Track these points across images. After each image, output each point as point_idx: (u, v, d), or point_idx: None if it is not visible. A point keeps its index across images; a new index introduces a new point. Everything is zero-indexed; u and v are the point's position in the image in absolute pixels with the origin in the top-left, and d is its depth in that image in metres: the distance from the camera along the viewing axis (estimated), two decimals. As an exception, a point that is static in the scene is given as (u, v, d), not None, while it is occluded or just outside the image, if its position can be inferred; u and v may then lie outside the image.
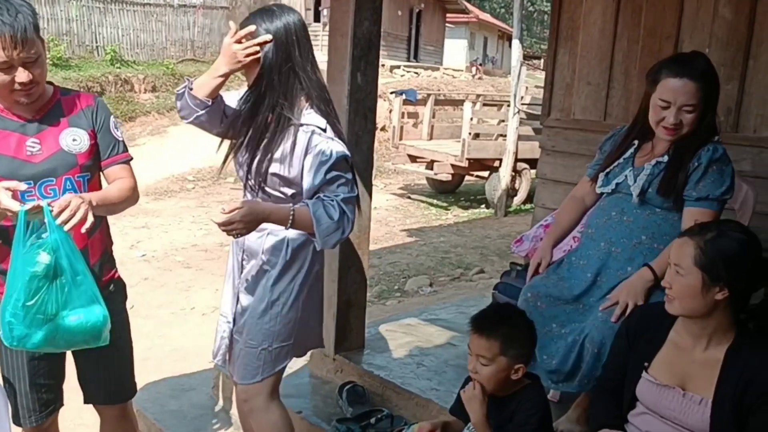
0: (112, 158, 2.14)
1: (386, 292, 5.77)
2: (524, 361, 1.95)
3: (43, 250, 1.82)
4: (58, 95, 2.07)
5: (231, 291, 2.25)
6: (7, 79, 1.86)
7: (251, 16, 2.03)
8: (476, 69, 28.34)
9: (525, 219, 8.97)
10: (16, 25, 1.80)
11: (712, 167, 2.24)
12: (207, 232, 7.80)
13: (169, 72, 15.50)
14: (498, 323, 1.94)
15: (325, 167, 1.98)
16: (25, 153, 1.96)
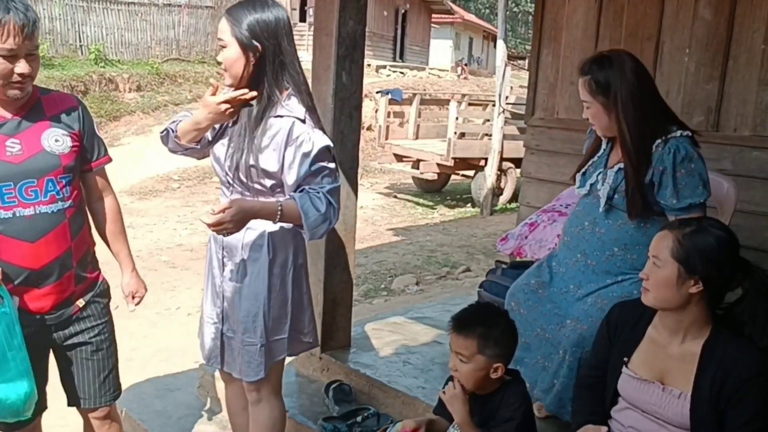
0: (99, 161, 2.16)
1: (373, 290, 5.79)
2: (503, 361, 1.97)
3: None
4: (37, 94, 2.05)
5: (213, 291, 2.24)
6: (8, 68, 1.86)
7: (241, 6, 2.01)
8: (461, 69, 28.41)
9: (510, 218, 9.01)
10: (29, 16, 1.84)
11: (680, 170, 2.17)
12: (192, 231, 7.79)
13: (153, 71, 15.41)
14: (476, 322, 1.96)
15: (308, 159, 2.00)
16: (5, 153, 1.93)
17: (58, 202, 2.00)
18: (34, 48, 1.90)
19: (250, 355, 2.15)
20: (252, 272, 2.12)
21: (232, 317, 2.18)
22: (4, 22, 1.80)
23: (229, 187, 2.14)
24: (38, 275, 1.99)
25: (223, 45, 2.01)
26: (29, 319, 2.02)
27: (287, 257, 2.16)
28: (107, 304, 2.26)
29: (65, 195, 2.03)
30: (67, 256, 2.03)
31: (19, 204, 1.94)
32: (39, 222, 1.96)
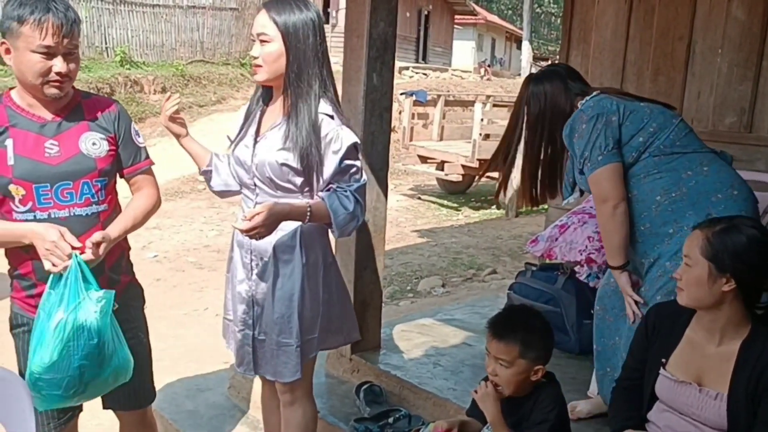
0: (135, 166, 2.16)
1: (399, 292, 5.79)
2: (543, 363, 1.97)
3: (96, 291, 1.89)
4: (78, 98, 2.07)
5: (240, 297, 2.22)
6: (46, 66, 1.88)
7: (281, 3, 2.03)
8: (485, 70, 28.33)
9: (536, 220, 8.96)
10: (68, 15, 1.88)
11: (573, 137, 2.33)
12: (218, 232, 7.84)
13: (178, 73, 15.54)
14: (516, 327, 1.97)
15: (338, 157, 2.02)
16: (44, 154, 1.95)
17: (92, 205, 2.02)
18: (73, 47, 1.92)
19: (287, 355, 2.16)
20: (284, 273, 2.13)
21: (265, 320, 2.17)
22: (43, 21, 1.84)
23: (254, 190, 2.14)
24: None
25: (266, 40, 2.02)
26: None
27: (317, 257, 2.17)
28: (141, 308, 2.27)
29: (100, 198, 2.04)
30: (98, 260, 2.04)
31: (54, 205, 1.97)
32: (73, 224, 1.98)
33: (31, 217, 1.94)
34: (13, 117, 1.96)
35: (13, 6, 1.86)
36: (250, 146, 2.13)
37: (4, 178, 1.92)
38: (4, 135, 1.93)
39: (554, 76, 2.49)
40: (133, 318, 2.17)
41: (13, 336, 2.08)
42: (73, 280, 1.86)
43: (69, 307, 1.84)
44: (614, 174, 2.27)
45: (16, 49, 1.88)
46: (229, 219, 8.39)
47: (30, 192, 1.93)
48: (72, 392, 1.89)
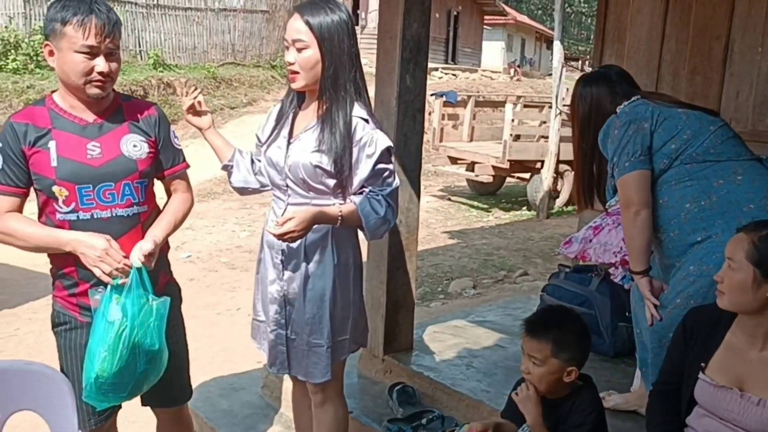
0: (173, 168, 2.20)
1: (429, 293, 5.78)
2: (577, 365, 1.96)
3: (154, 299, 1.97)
4: (119, 101, 2.11)
5: (271, 297, 2.22)
6: (88, 66, 1.92)
7: (315, 7, 2.02)
8: (514, 71, 28.17)
9: (567, 221, 8.89)
10: (110, 16, 1.92)
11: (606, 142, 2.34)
12: (250, 233, 7.90)
13: (210, 75, 15.71)
14: (550, 326, 1.97)
15: (372, 160, 2.03)
16: (86, 156, 1.98)
17: (133, 206, 2.05)
18: (114, 48, 1.96)
19: (318, 356, 2.17)
20: (315, 273, 2.14)
21: (297, 320, 2.18)
22: (86, 22, 1.88)
23: (286, 191, 2.15)
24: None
25: (303, 46, 2.01)
26: None
27: (348, 257, 2.18)
28: (178, 307, 2.29)
29: (140, 200, 2.07)
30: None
31: (96, 206, 2.00)
32: (115, 224, 2.01)
33: (74, 218, 1.98)
34: (55, 119, 1.99)
35: (56, 9, 1.91)
36: (283, 148, 2.14)
37: (47, 179, 1.96)
38: (47, 137, 1.97)
39: (602, 79, 2.48)
40: (172, 317, 2.19)
41: (55, 334, 2.12)
42: (134, 287, 1.93)
43: (132, 315, 1.91)
44: (639, 181, 2.26)
45: (59, 50, 1.92)
46: (261, 220, 8.46)
47: (73, 193, 1.97)
48: (135, 393, 2.01)
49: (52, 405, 1.65)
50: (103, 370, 1.87)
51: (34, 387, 1.66)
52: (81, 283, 2.04)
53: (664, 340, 2.27)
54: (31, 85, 12.61)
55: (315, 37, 2.00)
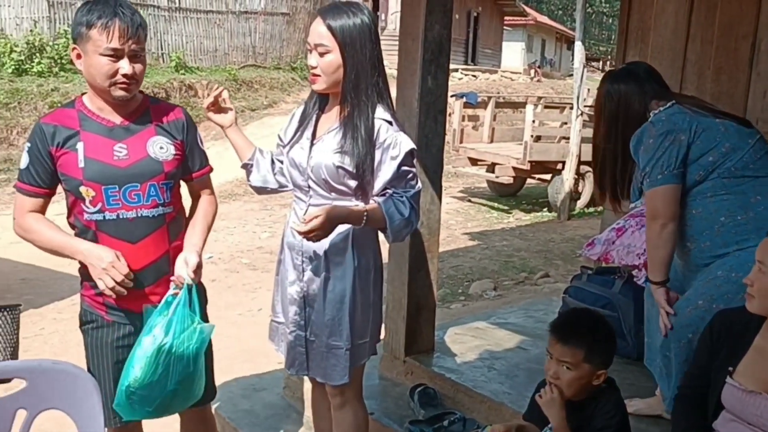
0: (200, 171, 2.23)
1: (450, 295, 5.76)
2: (605, 367, 1.95)
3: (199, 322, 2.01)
4: (147, 103, 2.13)
5: (291, 298, 2.23)
6: (113, 68, 1.94)
7: (337, 10, 2.02)
8: (535, 71, 28.04)
9: (589, 222, 8.83)
10: (134, 19, 1.95)
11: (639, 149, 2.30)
12: (271, 234, 7.94)
13: (231, 78, 15.83)
14: (582, 330, 1.95)
15: (396, 162, 2.02)
16: (113, 157, 2.01)
17: (159, 207, 2.08)
18: (139, 50, 1.98)
19: (337, 358, 2.17)
20: (335, 275, 2.14)
21: (316, 321, 2.18)
22: (110, 25, 1.91)
23: (308, 192, 2.15)
24: (138, 276, 2.06)
25: (325, 51, 2.01)
26: (131, 317, 2.12)
27: (369, 260, 2.18)
28: (204, 307, 2.29)
29: (166, 200, 2.09)
30: (164, 260, 2.10)
31: (122, 207, 2.02)
32: (140, 225, 2.04)
33: (100, 218, 2.01)
34: (84, 121, 2.03)
35: (82, 12, 1.94)
36: (306, 148, 2.14)
37: (75, 179, 1.99)
38: (76, 138, 2.00)
39: (630, 77, 2.43)
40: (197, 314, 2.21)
41: (83, 332, 2.16)
42: (181, 307, 1.98)
43: (174, 334, 1.95)
44: (669, 195, 2.24)
45: (85, 53, 1.95)
46: (281, 221, 8.49)
47: (99, 193, 2.00)
48: (161, 410, 2.02)
49: (78, 404, 1.67)
50: (135, 380, 1.91)
51: (61, 386, 1.68)
52: None
53: (683, 340, 2.26)
54: (55, 88, 12.80)
55: (337, 42, 2.00)
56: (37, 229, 2.04)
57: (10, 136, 11.69)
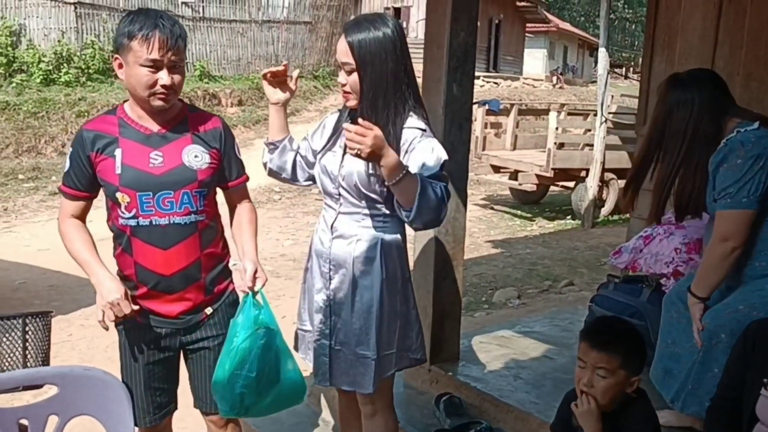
0: (237, 180, 2.24)
1: (473, 303, 5.73)
2: (639, 374, 1.93)
3: (263, 326, 2.08)
4: (185, 112, 2.16)
5: (317, 306, 2.22)
6: (152, 79, 1.97)
7: (360, 27, 2.01)
8: (557, 78, 27.92)
9: (614, 230, 8.74)
10: (174, 31, 1.97)
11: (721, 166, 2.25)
12: (294, 242, 7.97)
13: (254, 86, 15.95)
14: (619, 337, 1.94)
15: (429, 168, 1.99)
16: (148, 164, 2.05)
17: (191, 215, 2.09)
18: (178, 61, 2.01)
19: (365, 367, 2.15)
20: (363, 285, 2.13)
21: (343, 330, 2.17)
22: (150, 36, 1.94)
23: (338, 200, 2.15)
24: (168, 282, 2.09)
25: (350, 69, 2.01)
26: (160, 321, 2.14)
27: (396, 270, 2.17)
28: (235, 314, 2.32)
29: (199, 208, 2.11)
30: (195, 267, 2.12)
31: (156, 213, 2.05)
32: (172, 231, 2.06)
33: (134, 223, 2.05)
34: (123, 128, 2.07)
35: (124, 23, 1.98)
36: (338, 156, 2.15)
37: (112, 185, 2.04)
38: (114, 145, 2.05)
39: (703, 85, 2.34)
40: (226, 323, 2.21)
41: (118, 332, 2.20)
42: (246, 314, 2.07)
43: (240, 339, 2.05)
44: (747, 220, 2.21)
45: (126, 64, 1.99)
46: (304, 228, 8.52)
47: (134, 199, 2.03)
48: (235, 411, 2.12)
49: (109, 410, 1.69)
50: (215, 375, 2.07)
51: (91, 392, 1.69)
52: (140, 285, 2.11)
53: (714, 340, 2.25)
54: (82, 98, 12.99)
55: (355, 59, 1.99)
56: (70, 239, 2.11)
57: (38, 144, 11.88)
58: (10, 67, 13.39)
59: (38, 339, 2.11)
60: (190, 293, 2.13)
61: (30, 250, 7.18)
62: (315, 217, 9.13)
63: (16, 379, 1.75)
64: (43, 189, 10.26)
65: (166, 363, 2.21)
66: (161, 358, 2.18)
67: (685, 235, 3.19)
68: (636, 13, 46.51)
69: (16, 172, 10.77)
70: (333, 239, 2.17)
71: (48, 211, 9.16)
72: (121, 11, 15.24)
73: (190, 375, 2.31)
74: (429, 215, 1.93)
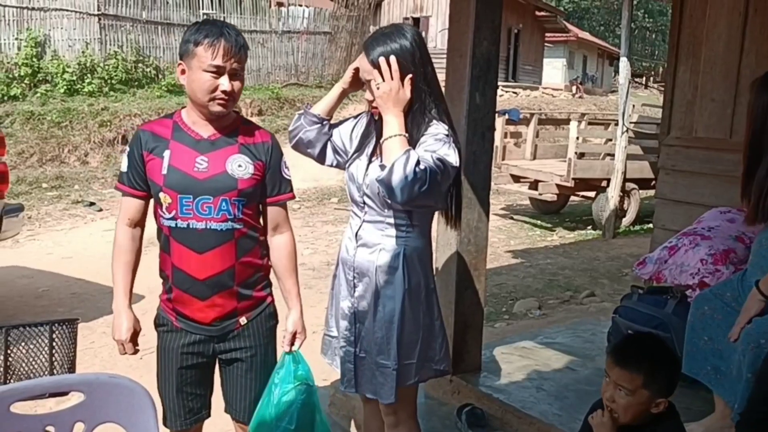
0: (276, 197, 2.23)
1: (494, 314, 5.70)
2: (665, 396, 1.88)
3: (303, 382, 2.19)
4: (239, 123, 2.20)
5: (343, 313, 2.24)
6: (213, 84, 2.04)
7: (379, 41, 2.04)
8: (576, 88, 27.81)
9: (635, 241, 8.66)
10: (238, 40, 2.06)
11: None
12: (313, 251, 7.98)
13: (274, 96, 16.05)
14: (643, 355, 1.89)
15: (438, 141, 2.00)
16: (193, 168, 2.10)
17: (228, 222, 2.11)
18: (239, 69, 2.08)
19: (384, 377, 2.15)
20: (385, 294, 2.13)
21: (366, 338, 2.18)
22: (215, 43, 2.02)
23: (363, 208, 2.17)
24: (201, 286, 2.12)
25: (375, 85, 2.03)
26: (194, 326, 2.17)
27: (420, 281, 2.16)
28: (272, 327, 2.31)
29: (236, 216, 2.12)
30: (228, 274, 2.12)
31: (194, 217, 2.09)
32: (208, 236, 2.10)
33: (173, 225, 2.11)
34: (176, 131, 2.14)
35: (191, 32, 2.07)
36: (364, 164, 2.17)
37: (157, 185, 2.11)
38: (164, 146, 2.12)
39: None
40: (262, 335, 2.24)
41: (156, 333, 2.25)
42: (287, 368, 2.19)
43: (281, 392, 2.15)
44: None
45: (190, 69, 2.07)
46: (323, 238, 8.54)
47: (175, 201, 2.09)
48: None
49: (134, 418, 1.69)
50: (255, 425, 2.19)
51: (117, 400, 1.70)
52: (175, 287, 2.15)
53: (753, 344, 2.21)
54: (105, 107, 13.15)
55: (381, 75, 2.01)
56: (116, 252, 2.21)
57: (61, 153, 12.03)
58: (35, 77, 13.58)
59: (64, 346, 2.13)
60: (221, 300, 2.15)
61: (53, 258, 7.26)
62: (334, 227, 9.14)
63: (43, 386, 1.76)
64: (66, 197, 10.37)
65: (199, 369, 2.23)
66: (194, 364, 2.21)
67: (711, 246, 3.14)
68: (656, 22, 46.30)
69: (40, 181, 10.90)
70: (357, 247, 2.18)
71: (71, 219, 9.27)
72: (144, 22, 15.43)
73: (222, 381, 2.32)
74: (399, 180, 1.86)
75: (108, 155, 12.40)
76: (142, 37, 15.41)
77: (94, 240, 7.96)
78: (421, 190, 1.87)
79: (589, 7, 47.37)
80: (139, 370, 4.00)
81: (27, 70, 13.45)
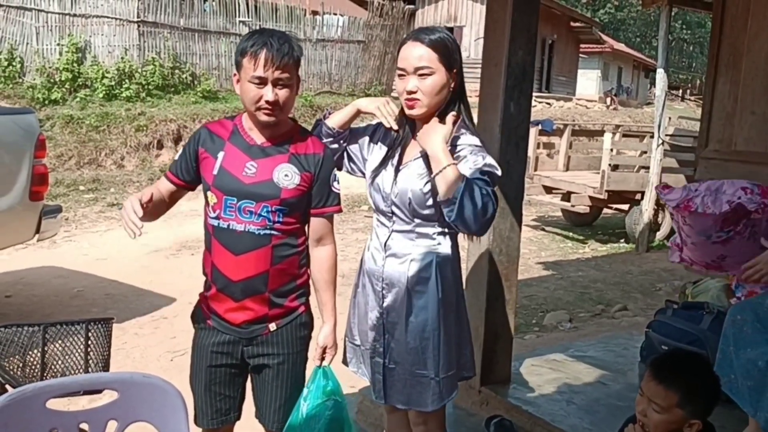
0: (321, 209, 2.21)
1: (524, 326, 5.65)
2: (701, 417, 1.84)
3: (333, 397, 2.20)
4: (294, 132, 2.20)
5: (371, 324, 2.22)
6: (258, 95, 2.06)
7: (431, 33, 2.07)
8: (611, 99, 27.54)
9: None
10: (281, 49, 2.04)
11: None
12: (343, 258, 7.98)
13: (307, 104, 16.14)
14: (681, 374, 1.85)
15: (484, 162, 1.99)
16: (242, 172, 2.12)
17: (266, 228, 2.12)
18: (286, 79, 2.07)
19: (423, 386, 2.14)
20: (417, 305, 2.12)
21: (397, 349, 2.17)
22: (257, 53, 2.03)
23: (391, 217, 2.16)
24: (234, 287, 2.14)
25: (429, 72, 2.03)
26: (224, 326, 2.19)
27: (451, 289, 2.16)
28: (305, 337, 2.28)
29: (276, 224, 2.13)
30: (261, 279, 2.13)
31: (235, 218, 2.12)
32: (245, 239, 2.12)
33: (216, 224, 2.15)
34: (234, 134, 2.18)
35: (243, 41, 2.10)
36: (390, 174, 2.15)
37: (207, 183, 2.17)
38: (220, 147, 2.16)
39: None
40: (292, 343, 2.22)
41: (194, 329, 2.29)
42: (317, 384, 2.20)
43: (311, 406, 2.17)
44: None
45: (240, 79, 2.10)
46: (352, 245, 8.55)
47: (220, 201, 2.13)
48: None
49: (166, 417, 1.71)
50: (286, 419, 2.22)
51: (150, 399, 1.72)
52: (212, 285, 2.19)
53: None
54: (142, 112, 13.37)
55: (442, 62, 2.03)
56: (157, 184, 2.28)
57: (98, 157, 12.26)
58: (75, 82, 13.89)
59: (99, 345, 2.16)
60: (252, 304, 2.16)
61: (88, 258, 7.38)
62: (364, 234, 9.15)
63: (79, 383, 1.79)
64: (102, 200, 10.56)
65: (228, 369, 2.24)
66: (223, 364, 2.22)
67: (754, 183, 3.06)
68: (694, 34, 45.68)
69: (77, 184, 11.12)
70: (386, 258, 2.17)
71: (106, 221, 9.42)
72: (182, 29, 15.67)
73: (252, 387, 2.33)
74: (471, 213, 1.86)
75: (143, 159, 12.60)
76: (179, 43, 15.65)
77: (128, 242, 8.06)
78: (493, 213, 1.92)
79: (626, 18, 46.91)
80: (170, 371, 4.05)
81: (68, 75, 13.77)
